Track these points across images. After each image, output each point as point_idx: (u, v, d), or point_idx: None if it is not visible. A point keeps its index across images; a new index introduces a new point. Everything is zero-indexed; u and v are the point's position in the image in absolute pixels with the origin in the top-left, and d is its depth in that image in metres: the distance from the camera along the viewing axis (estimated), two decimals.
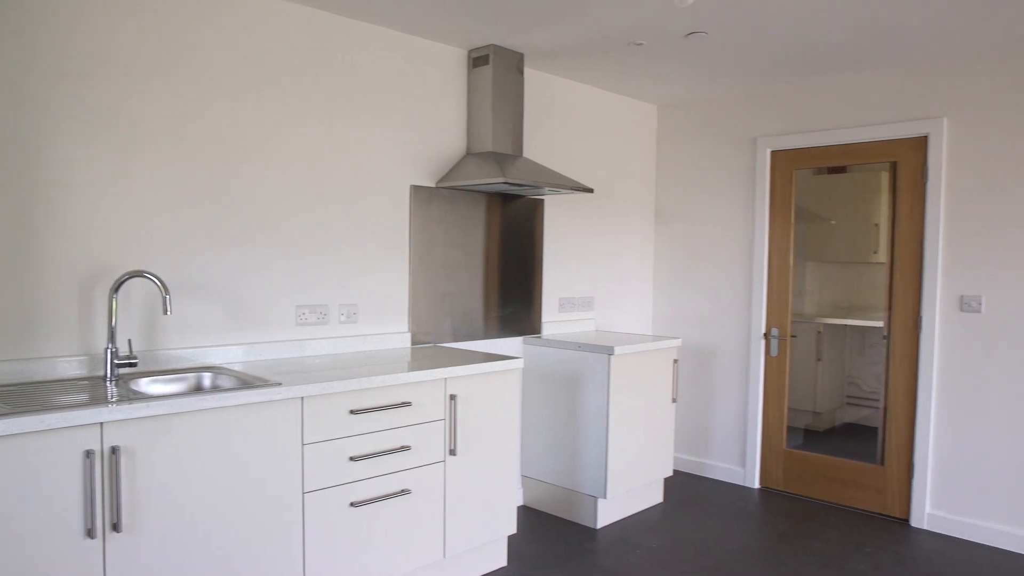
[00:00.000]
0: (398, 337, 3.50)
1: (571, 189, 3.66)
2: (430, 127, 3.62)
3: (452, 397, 2.99)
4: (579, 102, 4.42)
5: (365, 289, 3.39)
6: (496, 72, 3.65)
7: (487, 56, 3.64)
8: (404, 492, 2.84)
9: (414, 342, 3.57)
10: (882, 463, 4.13)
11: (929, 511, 3.94)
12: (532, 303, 4.17)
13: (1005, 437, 3.70)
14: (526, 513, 4.07)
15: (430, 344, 3.64)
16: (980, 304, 3.75)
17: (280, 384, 2.46)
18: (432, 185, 3.63)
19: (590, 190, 3.74)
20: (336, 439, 2.62)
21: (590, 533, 3.81)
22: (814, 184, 5.67)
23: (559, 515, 4.03)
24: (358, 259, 3.36)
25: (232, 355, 2.93)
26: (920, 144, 3.93)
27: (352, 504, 2.67)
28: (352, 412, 2.65)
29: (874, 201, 5.26)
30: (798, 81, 4.26)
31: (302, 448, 2.52)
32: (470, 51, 3.73)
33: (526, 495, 4.18)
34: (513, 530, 3.33)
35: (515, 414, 3.28)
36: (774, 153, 4.49)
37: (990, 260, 3.72)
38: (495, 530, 3.24)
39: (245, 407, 2.36)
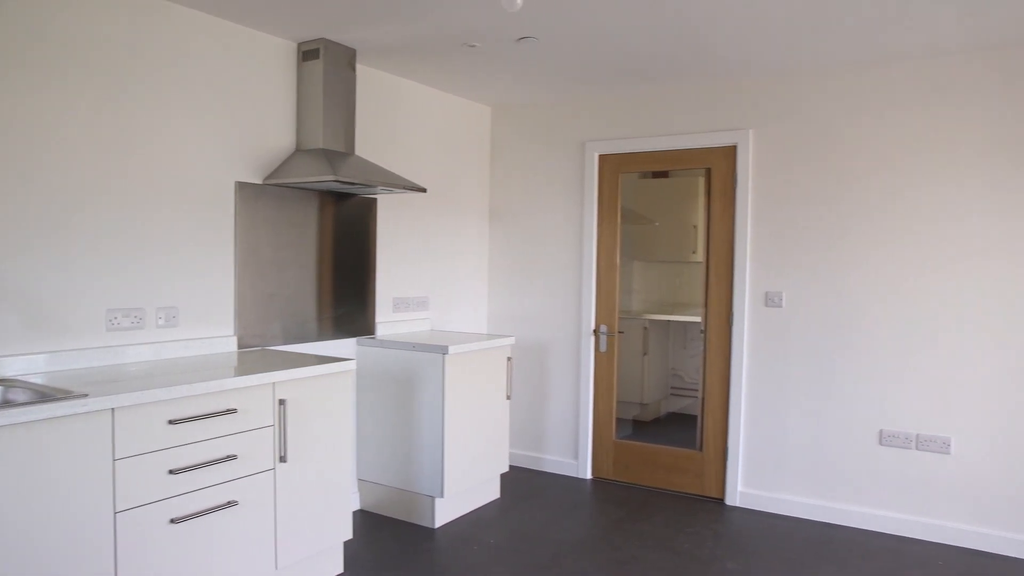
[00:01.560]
0: (223, 341, 3.32)
1: (404, 188, 3.63)
2: (257, 122, 3.46)
3: (281, 402, 2.88)
4: (413, 101, 4.40)
5: (186, 291, 3.19)
6: (327, 67, 3.56)
7: (317, 50, 3.54)
8: (231, 504, 2.70)
9: (241, 346, 3.41)
10: (701, 448, 4.44)
11: (741, 489, 4.28)
12: (366, 304, 4.10)
13: (802, 418, 4.09)
14: (363, 517, 4.00)
15: (258, 348, 3.49)
16: (781, 300, 4.13)
17: (86, 395, 2.26)
18: (259, 182, 3.48)
19: (423, 189, 3.74)
20: (153, 452, 2.44)
21: (428, 533, 3.81)
22: (640, 187, 5.99)
23: (397, 517, 3.99)
24: (177, 259, 3.15)
25: (33, 365, 2.66)
26: (730, 153, 4.26)
27: (172, 520, 2.50)
28: (171, 422, 2.48)
29: (693, 204, 5.63)
30: (624, 89, 4.48)
31: (113, 464, 2.33)
32: (300, 44, 3.61)
33: (363, 499, 4.11)
34: (349, 535, 3.26)
35: (349, 417, 3.22)
36: (602, 157, 4.69)
37: (789, 260, 4.10)
38: (330, 537, 3.16)
39: (42, 423, 2.15)
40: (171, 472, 2.49)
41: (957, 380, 3.71)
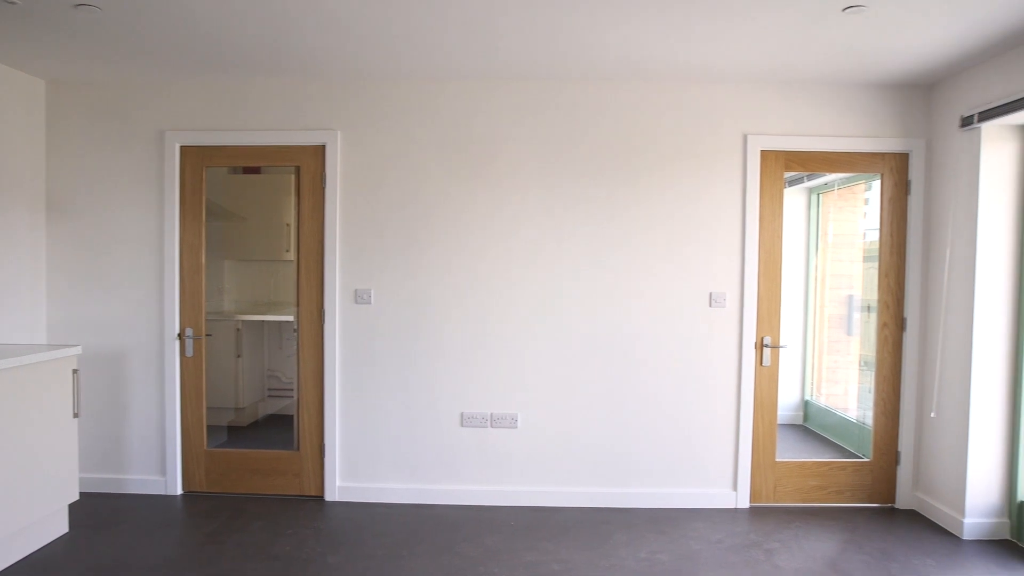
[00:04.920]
0: None
1: None
2: None
3: None
4: None
5: None
6: None
7: None
8: None
9: None
10: (298, 448, 4.41)
11: (339, 484, 4.37)
12: None
13: (394, 409, 4.33)
14: None
15: None
16: (370, 297, 4.30)
17: None
18: None
19: None
20: None
21: None
22: (230, 183, 5.73)
23: None
24: None
25: None
26: (319, 152, 4.29)
27: None
28: None
29: (285, 202, 5.58)
30: (209, 77, 4.23)
31: None
32: None
33: None
34: None
35: None
36: (184, 148, 4.36)
37: (377, 259, 4.30)
38: None
39: None
40: None
41: (520, 364, 4.29)
